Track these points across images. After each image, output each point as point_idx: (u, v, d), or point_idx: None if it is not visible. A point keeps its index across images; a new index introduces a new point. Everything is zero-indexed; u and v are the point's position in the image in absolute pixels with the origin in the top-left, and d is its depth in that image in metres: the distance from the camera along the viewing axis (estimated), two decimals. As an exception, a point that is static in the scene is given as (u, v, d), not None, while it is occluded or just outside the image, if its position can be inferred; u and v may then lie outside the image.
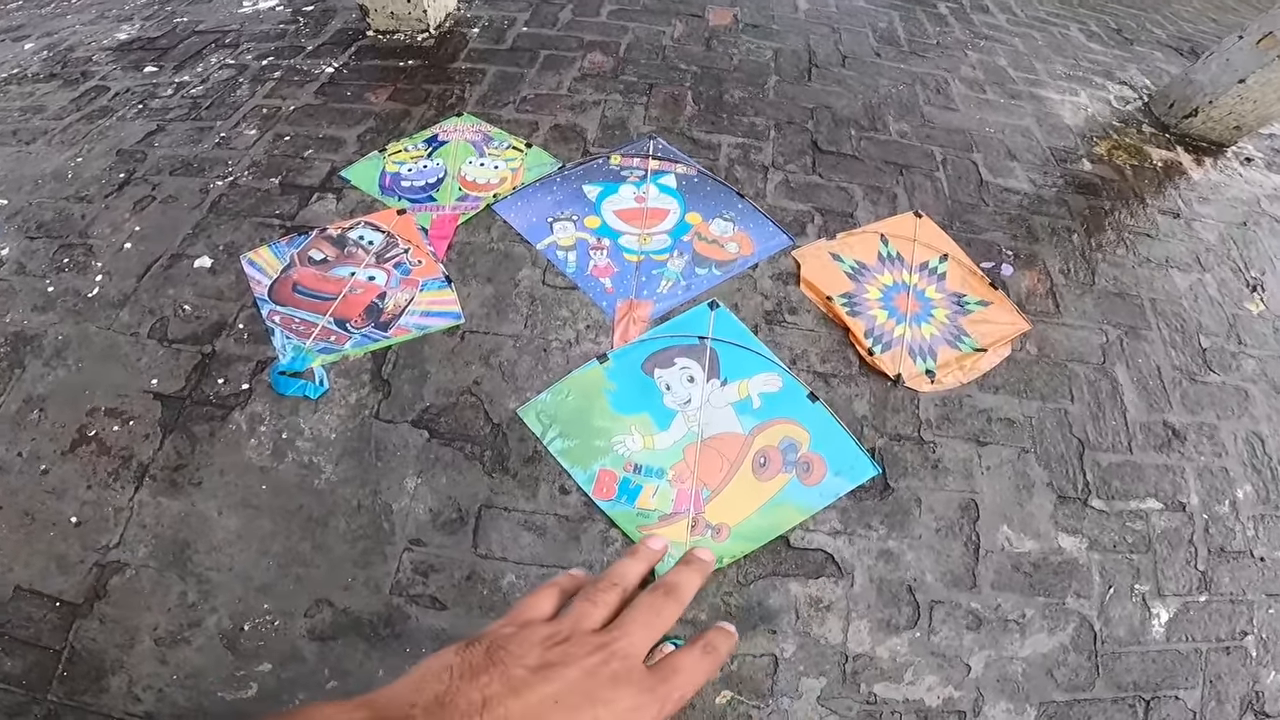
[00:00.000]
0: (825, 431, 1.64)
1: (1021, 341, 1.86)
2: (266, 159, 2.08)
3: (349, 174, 2.00)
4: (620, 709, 0.37)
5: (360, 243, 1.84)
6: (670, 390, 1.65)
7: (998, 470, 1.66)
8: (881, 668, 1.45)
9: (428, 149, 2.07)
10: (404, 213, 1.88)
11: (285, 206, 1.94)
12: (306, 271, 1.76)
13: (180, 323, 1.73)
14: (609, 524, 1.51)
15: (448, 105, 2.25)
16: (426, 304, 1.72)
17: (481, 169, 2.01)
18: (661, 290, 1.75)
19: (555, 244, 1.82)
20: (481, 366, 1.67)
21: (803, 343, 1.76)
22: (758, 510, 1.54)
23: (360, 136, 2.14)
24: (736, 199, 1.97)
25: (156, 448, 1.53)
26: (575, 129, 2.16)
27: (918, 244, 1.99)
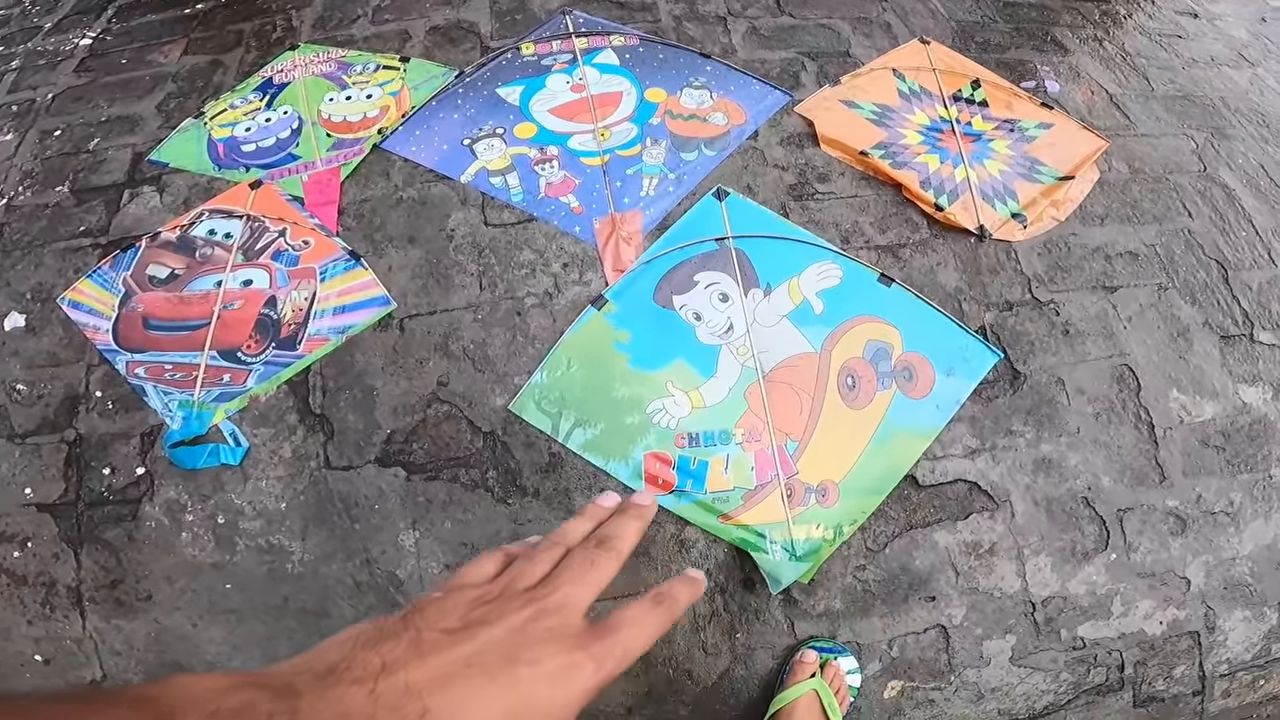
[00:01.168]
0: (917, 321, 1.31)
1: (1107, 160, 1.54)
2: (40, 166, 1.58)
3: (163, 155, 1.50)
4: (548, 669, 0.33)
5: (214, 239, 1.34)
6: (702, 320, 1.29)
7: (1141, 319, 1.37)
8: (1081, 606, 1.20)
9: (264, 98, 1.54)
10: (259, 184, 1.39)
11: (90, 218, 1.46)
12: (153, 297, 1.31)
13: (21, 409, 1.35)
14: (680, 523, 1.18)
15: (273, 41, 1.74)
16: (337, 296, 1.27)
17: (349, 104, 1.51)
18: (646, 192, 1.34)
19: (485, 170, 1.37)
20: (441, 360, 1.29)
21: (850, 214, 1.40)
22: (864, 451, 1.21)
23: (161, 107, 1.64)
24: (702, 61, 1.56)
25: (75, 567, 1.27)
26: (462, 26, 1.67)
27: (939, 73, 1.62)
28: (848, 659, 1.13)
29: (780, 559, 1.13)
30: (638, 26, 1.66)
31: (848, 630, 1.15)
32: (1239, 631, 1.23)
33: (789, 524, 1.15)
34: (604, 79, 1.52)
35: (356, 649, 0.30)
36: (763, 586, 1.14)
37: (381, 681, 0.29)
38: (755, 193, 1.39)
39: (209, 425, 1.25)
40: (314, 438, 1.24)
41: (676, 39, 1.63)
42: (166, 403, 1.26)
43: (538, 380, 1.21)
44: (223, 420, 1.26)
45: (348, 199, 1.41)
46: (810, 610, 1.15)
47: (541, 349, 1.26)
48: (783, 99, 1.52)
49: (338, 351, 1.28)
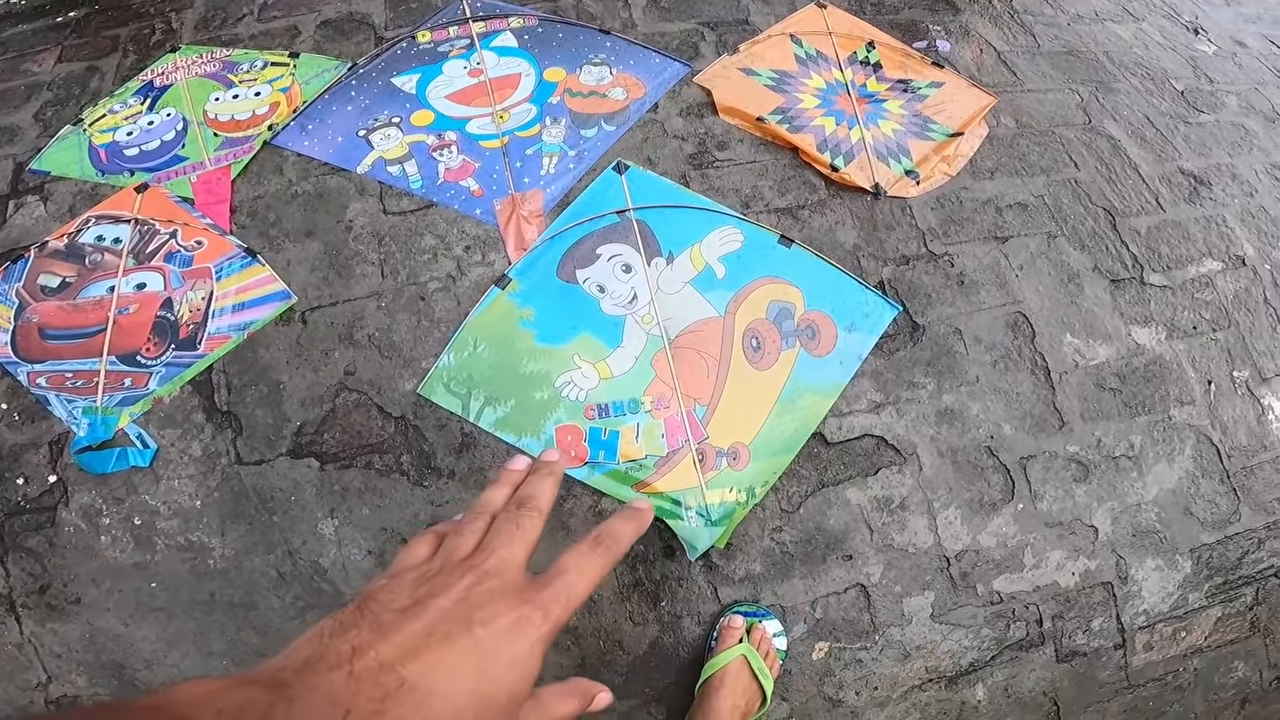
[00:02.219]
0: (817, 280, 1.37)
1: (995, 116, 1.63)
2: None
3: (43, 164, 1.49)
4: (501, 625, 0.36)
5: (102, 245, 1.34)
6: (606, 292, 1.34)
7: (1032, 267, 1.46)
8: (993, 559, 1.27)
9: (144, 101, 1.54)
10: (146, 188, 1.39)
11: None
12: (47, 307, 1.30)
13: None
14: (596, 495, 1.24)
15: (152, 45, 1.73)
16: (235, 294, 1.29)
17: (236, 102, 1.52)
18: (547, 170, 1.38)
19: (382, 160, 1.40)
20: (346, 349, 1.32)
21: (749, 179, 1.47)
22: (772, 411, 1.27)
23: (38, 116, 1.63)
24: (602, 38, 1.60)
25: (4, 574, 1.27)
26: (355, 18, 1.69)
27: (835, 36, 1.69)
28: (772, 622, 1.18)
29: (695, 525, 1.18)
30: (537, 7, 1.70)
31: (770, 593, 1.20)
32: (1152, 581, 1.30)
33: (702, 489, 1.21)
34: (502, 62, 1.56)
35: (326, 640, 0.33)
36: (682, 554, 1.19)
37: (356, 663, 0.32)
38: (656, 164, 1.44)
39: (115, 430, 1.27)
40: (223, 435, 1.26)
41: (576, 17, 1.68)
42: (70, 410, 1.28)
43: (445, 363, 1.25)
44: (128, 424, 1.27)
45: (240, 197, 1.43)
46: (731, 575, 1.21)
47: (447, 332, 1.29)
48: (682, 70, 1.59)
49: (240, 348, 1.30)
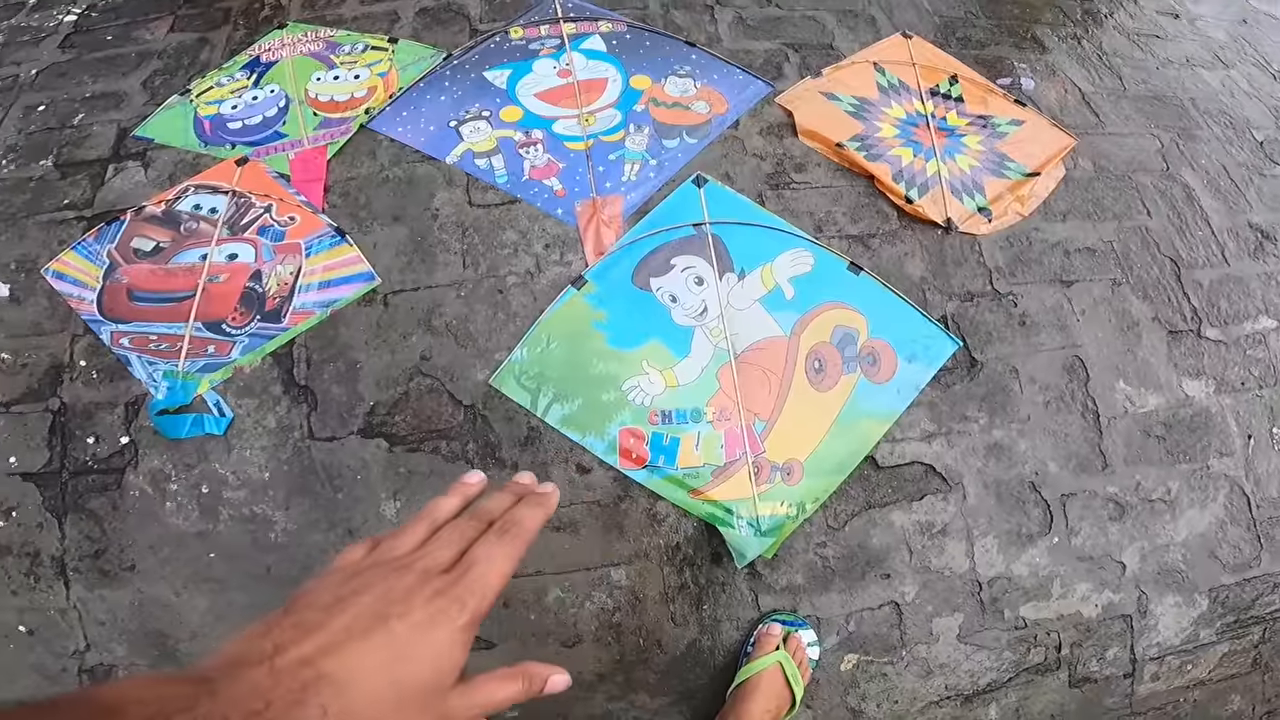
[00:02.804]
0: (882, 309, 1.39)
1: (1073, 158, 1.63)
2: (24, 140, 1.62)
3: (148, 131, 1.53)
4: (416, 619, 0.38)
5: (199, 214, 1.38)
6: (677, 302, 1.36)
7: (1094, 313, 1.46)
8: (1023, 587, 1.30)
9: (250, 76, 1.58)
10: (245, 161, 1.43)
11: (74, 192, 1.49)
12: (138, 269, 1.34)
13: (5, 377, 1.38)
14: (652, 498, 1.26)
15: (260, 20, 1.77)
16: (322, 271, 1.32)
17: (336, 83, 1.55)
18: (628, 177, 1.40)
19: (470, 151, 1.43)
20: (424, 335, 1.35)
21: (823, 203, 1.48)
22: (828, 432, 1.30)
23: (146, 84, 1.68)
24: (688, 50, 1.61)
25: (59, 537, 1.28)
26: (451, 8, 1.73)
27: (918, 67, 1.70)
28: (808, 632, 1.22)
29: (746, 534, 1.21)
30: (625, 13, 1.73)
31: (808, 604, 1.24)
32: (1170, 616, 1.33)
33: (754, 500, 1.23)
34: (590, 65, 1.59)
35: (251, 641, 0.35)
36: (729, 561, 1.22)
37: (277, 659, 0.34)
38: (734, 180, 1.46)
39: (193, 395, 1.29)
40: (298, 409, 1.30)
41: (664, 27, 1.71)
42: (151, 372, 1.31)
43: (518, 356, 1.28)
44: (207, 390, 1.30)
45: (334, 177, 1.47)
46: (774, 584, 1.24)
47: (522, 326, 1.33)
48: (764, 89, 1.60)
49: (322, 325, 1.34)
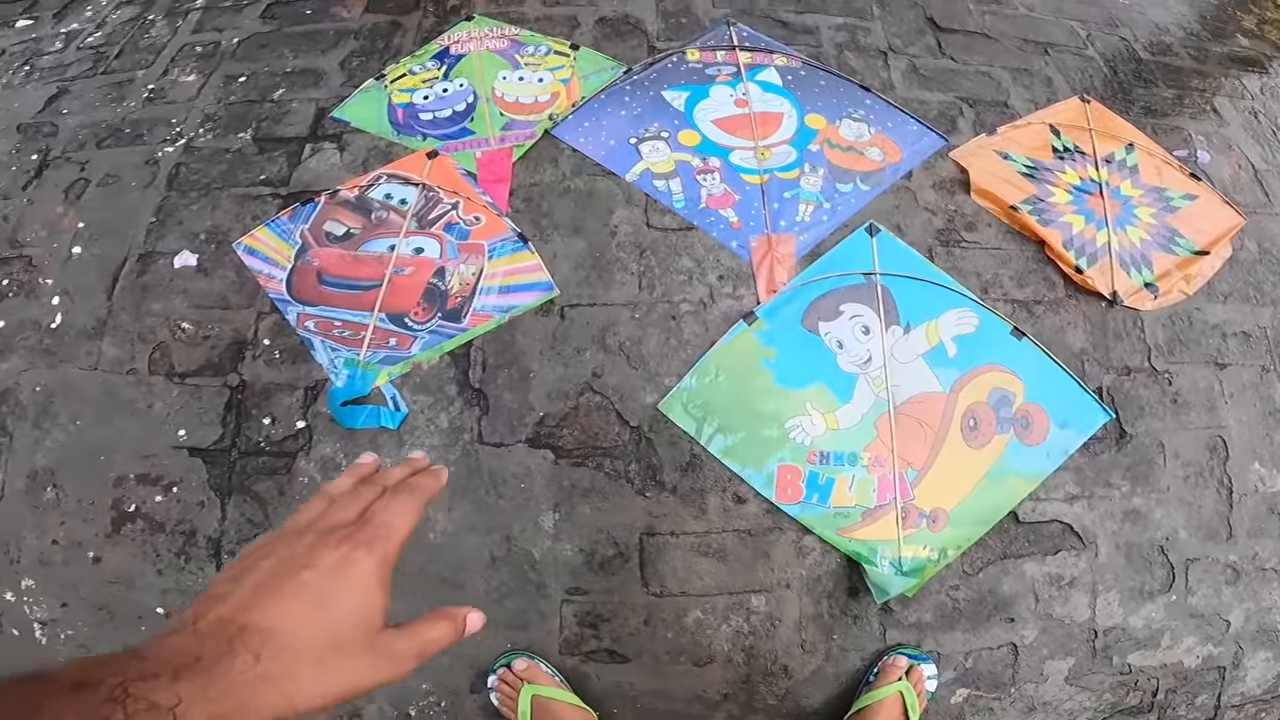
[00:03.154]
0: (1041, 375, 1.41)
1: (1240, 238, 1.61)
2: (224, 110, 1.66)
3: (345, 113, 1.57)
4: (325, 565, 0.41)
5: (389, 203, 1.43)
6: (844, 348, 1.39)
7: (1241, 397, 1.48)
8: (1135, 637, 1.36)
9: (441, 67, 1.62)
10: (436, 155, 1.48)
11: (271, 168, 1.54)
12: (329, 253, 1.37)
13: (185, 348, 1.42)
14: (801, 531, 1.31)
15: (448, 9, 1.81)
16: (503, 276, 1.36)
17: (521, 84, 1.58)
18: (802, 218, 1.41)
19: (649, 171, 1.45)
20: (597, 352, 1.38)
21: (991, 265, 1.49)
22: (977, 486, 1.33)
23: (344, 64, 1.71)
24: (862, 93, 1.61)
25: (219, 517, 1.32)
26: (628, 21, 1.74)
27: (1095, 133, 1.68)
28: (930, 666, 1.27)
29: (888, 572, 1.26)
30: (799, 49, 1.74)
31: (932, 640, 1.30)
32: (1258, 669, 1.40)
33: (899, 543, 1.28)
34: (766, 97, 1.60)
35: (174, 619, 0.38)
36: (865, 595, 1.28)
37: (198, 624, 0.37)
38: (904, 232, 1.48)
39: (372, 386, 1.34)
40: (470, 411, 1.35)
41: (837, 68, 1.71)
42: (333, 359, 1.36)
43: (687, 384, 1.33)
44: (385, 383, 1.35)
45: (518, 181, 1.52)
46: (903, 620, 1.30)
47: (692, 355, 1.36)
48: (938, 142, 1.60)
49: (499, 330, 1.38)
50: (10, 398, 1.40)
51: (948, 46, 1.81)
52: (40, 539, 1.32)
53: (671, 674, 1.26)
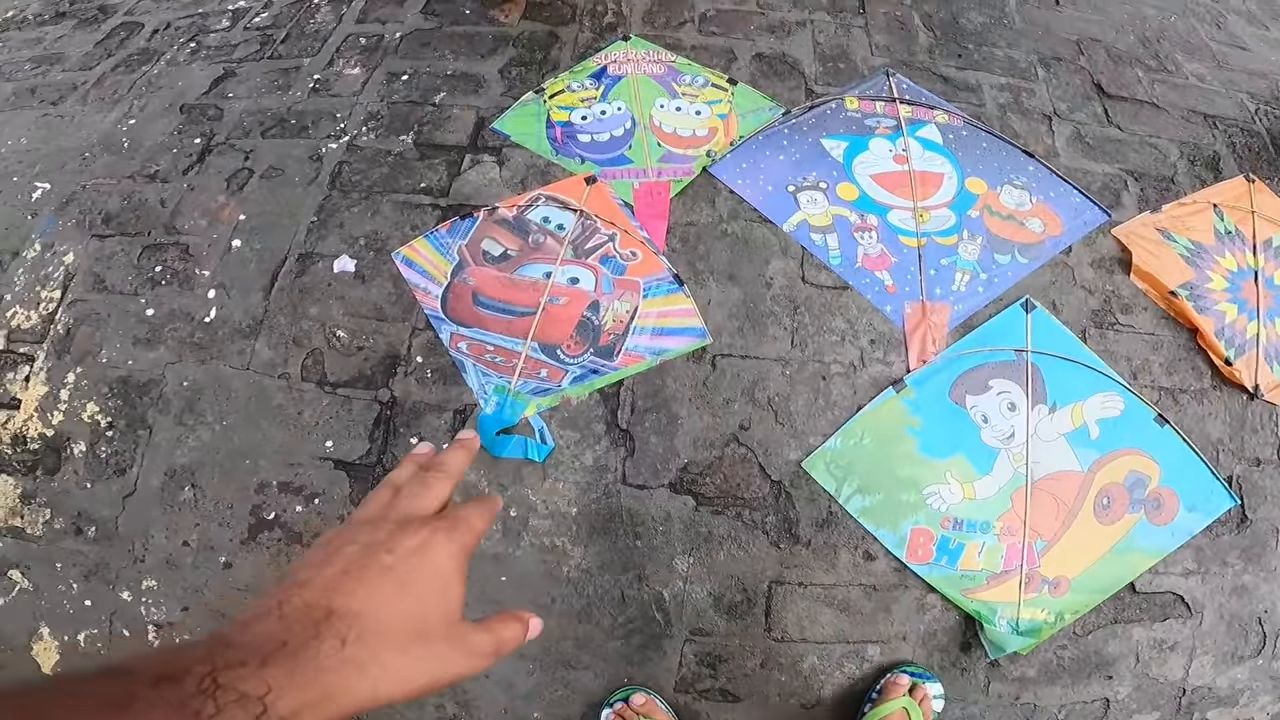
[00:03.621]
0: (1178, 461, 1.46)
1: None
2: (387, 109, 1.69)
3: (505, 126, 1.59)
4: (407, 548, 0.42)
5: (547, 227, 1.45)
6: (988, 423, 1.44)
7: None
8: (1219, 696, 1.44)
9: (599, 87, 1.62)
10: (594, 180, 1.48)
11: (431, 176, 1.58)
12: (486, 274, 1.40)
13: (339, 357, 1.48)
14: (926, 590, 1.38)
15: (605, 25, 1.83)
16: (657, 317, 1.39)
17: (679, 115, 1.59)
18: (958, 286, 1.42)
19: (806, 223, 1.46)
20: (745, 404, 1.44)
21: (1143, 350, 1.54)
22: (1101, 558, 1.40)
23: (504, 72, 1.73)
24: (1025, 159, 1.61)
25: None
26: (786, 60, 1.75)
27: (1257, 216, 1.69)
28: (935, 685, 1.34)
29: (1005, 631, 1.35)
30: (960, 107, 1.77)
31: (1031, 694, 1.37)
32: None
33: (1019, 605, 1.36)
34: (926, 155, 1.61)
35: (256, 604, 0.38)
36: (976, 649, 1.36)
37: (283, 608, 0.37)
38: (1059, 310, 1.53)
39: (520, 416, 1.39)
40: (615, 452, 1.41)
41: (1000, 129, 1.73)
42: (483, 384, 1.42)
43: (832, 445, 1.41)
44: (534, 415, 1.40)
45: (675, 218, 1.58)
46: (1007, 674, 1.38)
47: (838, 416, 1.43)
48: (1101, 217, 1.64)
49: (650, 372, 1.45)
50: (154, 389, 1.47)
51: (1115, 114, 1.81)
52: (171, 539, 1.38)
53: (779, 714, 1.35)
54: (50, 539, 1.39)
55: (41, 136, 1.77)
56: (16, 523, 1.41)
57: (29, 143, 1.76)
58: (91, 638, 1.36)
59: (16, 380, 1.48)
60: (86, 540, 1.38)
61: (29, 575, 1.39)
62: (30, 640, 1.37)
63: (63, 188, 1.66)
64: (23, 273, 1.57)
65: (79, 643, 1.36)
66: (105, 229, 1.60)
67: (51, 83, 1.92)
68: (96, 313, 1.52)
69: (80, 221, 1.61)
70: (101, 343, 1.49)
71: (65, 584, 1.37)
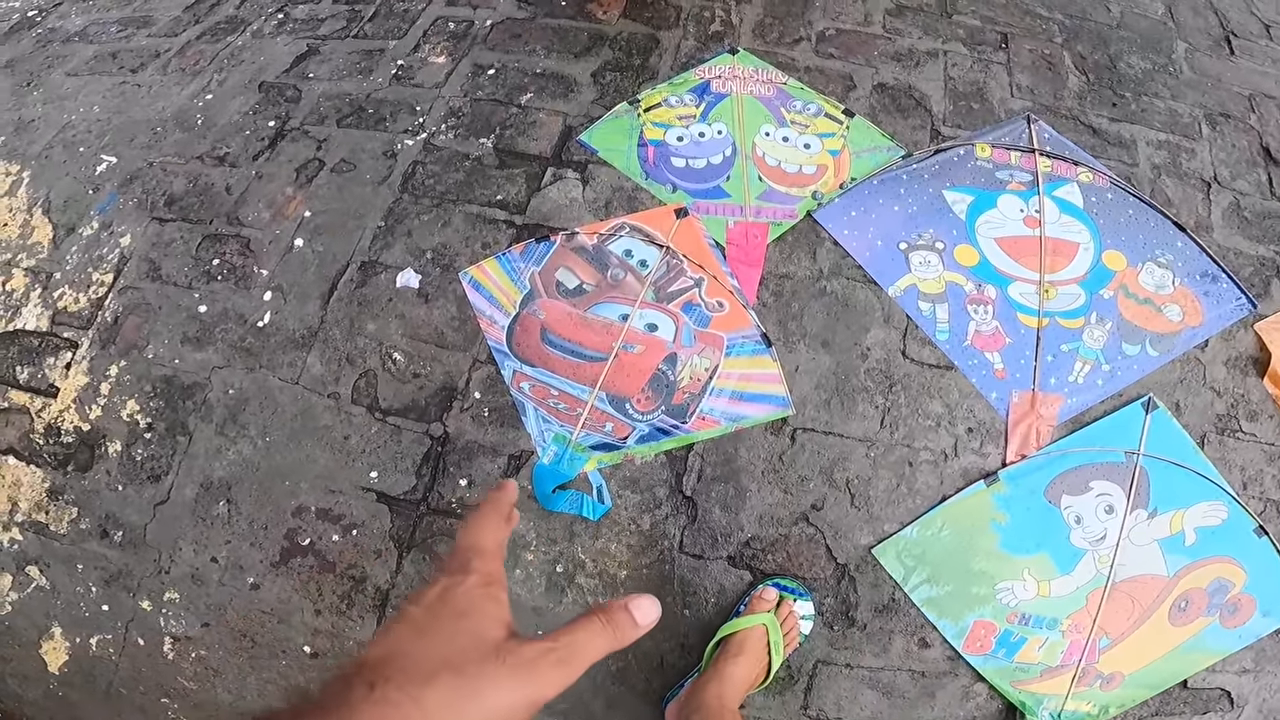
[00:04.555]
0: (1267, 570, 1.42)
1: None
2: (469, 105, 1.63)
3: (593, 139, 1.50)
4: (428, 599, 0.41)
5: (629, 262, 1.36)
6: (1080, 524, 1.41)
7: None
8: None
9: (699, 104, 1.46)
10: (684, 214, 1.34)
11: (509, 189, 1.52)
12: (558, 308, 1.34)
13: (394, 382, 1.46)
14: (975, 678, 1.37)
15: (711, 34, 1.71)
16: (738, 380, 1.34)
17: (786, 146, 1.46)
18: (1075, 378, 1.34)
19: (915, 288, 1.34)
20: (822, 484, 1.43)
21: (1259, 460, 1.48)
22: (1163, 657, 1.38)
23: (596, 76, 1.68)
24: (1175, 233, 1.46)
25: (393, 569, 1.37)
26: (911, 94, 1.62)
27: None
28: (806, 604, 1.36)
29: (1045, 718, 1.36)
30: (1109, 164, 1.67)
31: None
32: None
33: (1066, 696, 1.35)
34: (1062, 220, 1.51)
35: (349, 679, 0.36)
36: None
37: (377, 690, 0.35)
38: (1182, 412, 1.51)
39: (579, 471, 1.39)
40: (676, 519, 1.41)
41: (1151, 194, 1.68)
42: (543, 431, 1.42)
43: (908, 534, 1.44)
44: (593, 470, 1.40)
45: (769, 267, 1.52)
46: None
47: (919, 505, 1.44)
48: (1245, 308, 1.59)
49: (723, 440, 1.44)
50: (198, 393, 1.49)
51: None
52: (199, 553, 1.42)
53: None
54: (74, 539, 1.47)
55: (116, 105, 1.79)
56: (41, 518, 1.48)
57: (101, 111, 1.79)
58: (104, 643, 1.44)
59: (57, 366, 1.54)
60: (112, 544, 1.46)
61: (47, 573, 1.47)
62: (40, 639, 1.45)
63: (129, 163, 1.69)
64: (76, 251, 1.61)
65: (90, 646, 1.44)
66: (167, 212, 1.65)
67: (135, 48, 1.90)
68: (148, 303, 1.57)
69: (142, 202, 1.66)
70: (150, 336, 1.54)
71: (84, 586, 1.45)
